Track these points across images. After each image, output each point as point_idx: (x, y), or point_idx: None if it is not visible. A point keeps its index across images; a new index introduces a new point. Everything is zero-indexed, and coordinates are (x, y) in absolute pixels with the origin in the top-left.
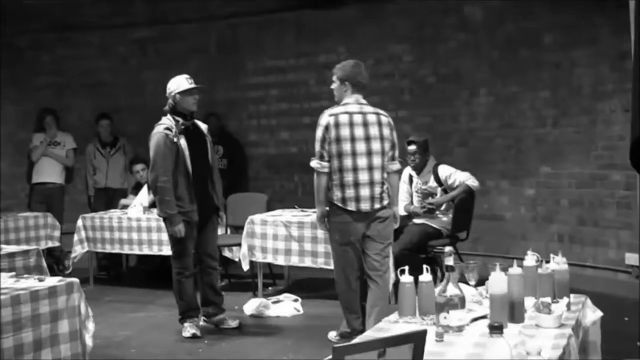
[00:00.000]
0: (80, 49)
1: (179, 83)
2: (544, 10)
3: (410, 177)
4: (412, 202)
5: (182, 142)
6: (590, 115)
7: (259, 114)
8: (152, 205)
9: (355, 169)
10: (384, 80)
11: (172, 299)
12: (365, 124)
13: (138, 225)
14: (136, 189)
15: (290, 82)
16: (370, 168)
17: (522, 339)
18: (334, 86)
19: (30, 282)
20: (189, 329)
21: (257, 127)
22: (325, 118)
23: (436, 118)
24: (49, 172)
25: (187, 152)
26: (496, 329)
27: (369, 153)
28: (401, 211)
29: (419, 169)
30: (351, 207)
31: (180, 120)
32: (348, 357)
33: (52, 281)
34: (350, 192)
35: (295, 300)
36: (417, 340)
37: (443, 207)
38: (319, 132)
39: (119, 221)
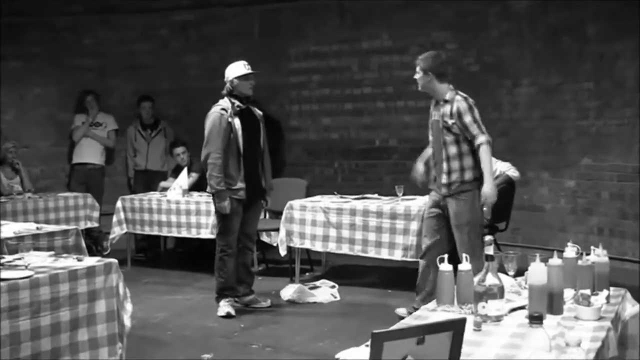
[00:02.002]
0: (122, 31)
1: (237, 69)
2: None
3: None
4: None
5: (237, 122)
6: (634, 107)
7: (300, 100)
8: (192, 188)
9: None
10: None
11: (208, 282)
12: None
13: (177, 207)
14: (176, 172)
15: (332, 68)
16: None
17: (560, 330)
18: (417, 76)
19: (69, 262)
20: (224, 308)
21: (298, 113)
22: (471, 100)
23: (478, 107)
24: (89, 153)
25: (240, 133)
26: (536, 319)
27: None
28: None
29: None
30: None
31: (236, 102)
32: (387, 343)
33: (90, 261)
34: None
35: (333, 287)
36: (456, 328)
37: None
38: (476, 111)
39: (158, 203)
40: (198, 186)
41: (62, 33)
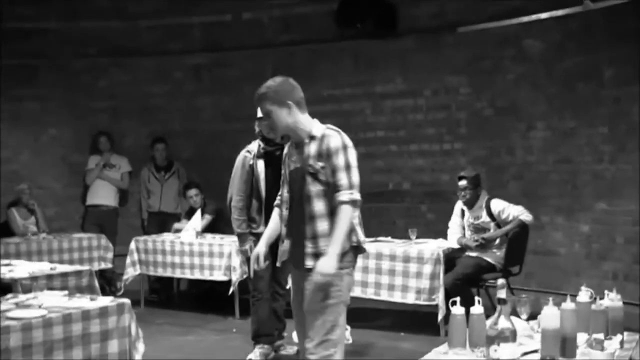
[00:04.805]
0: (136, 73)
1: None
2: (604, 44)
3: (462, 211)
4: (464, 235)
5: (260, 165)
6: None
7: None
8: (205, 229)
9: None
10: (441, 112)
11: (221, 324)
12: None
13: (190, 249)
14: (189, 214)
15: (345, 112)
16: None
17: None
18: (272, 115)
19: (82, 302)
20: (255, 353)
21: None
22: (347, 137)
23: (492, 151)
24: (103, 195)
25: (262, 176)
26: None
27: None
28: (454, 244)
29: (470, 204)
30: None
31: (262, 144)
32: None
33: (103, 301)
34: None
35: (345, 329)
36: None
37: (497, 242)
38: (353, 154)
39: (172, 245)
40: (211, 228)
41: (77, 75)
